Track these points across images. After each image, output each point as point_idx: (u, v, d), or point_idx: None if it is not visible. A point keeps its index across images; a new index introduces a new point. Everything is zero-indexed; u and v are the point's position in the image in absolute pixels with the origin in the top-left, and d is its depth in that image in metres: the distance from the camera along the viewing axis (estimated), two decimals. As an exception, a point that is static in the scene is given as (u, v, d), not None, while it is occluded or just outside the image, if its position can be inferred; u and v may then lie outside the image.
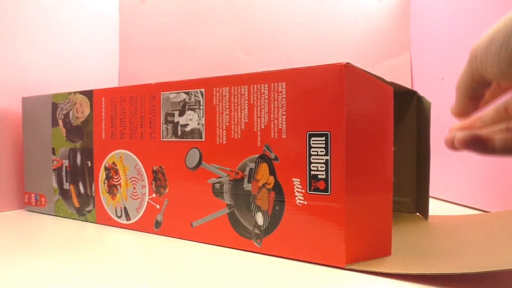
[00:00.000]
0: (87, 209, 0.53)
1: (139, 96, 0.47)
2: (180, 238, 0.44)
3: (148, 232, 0.46)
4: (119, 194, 0.49)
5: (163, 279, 0.31)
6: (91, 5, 0.79)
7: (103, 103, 0.50)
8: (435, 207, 0.64)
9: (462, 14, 0.67)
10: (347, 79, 0.33)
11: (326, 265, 0.34)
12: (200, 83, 0.42)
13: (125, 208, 0.49)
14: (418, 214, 0.55)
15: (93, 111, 0.52)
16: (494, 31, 0.27)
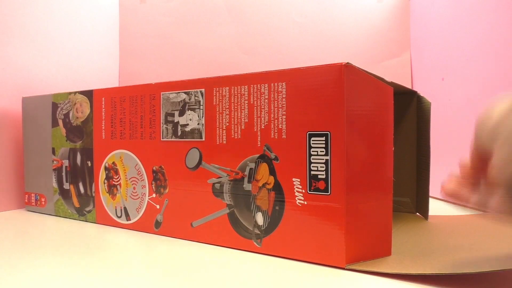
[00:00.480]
0: (87, 209, 0.53)
1: (139, 96, 0.47)
2: (180, 238, 0.44)
3: (148, 232, 0.46)
4: (119, 194, 0.49)
5: (163, 279, 0.31)
6: (91, 5, 0.79)
7: (103, 103, 0.50)
8: (435, 207, 0.64)
9: (462, 14, 0.67)
10: (347, 79, 0.33)
11: (326, 265, 0.34)
12: (200, 83, 0.42)
13: (125, 208, 0.49)
14: (418, 214, 0.55)
15: (93, 111, 0.52)
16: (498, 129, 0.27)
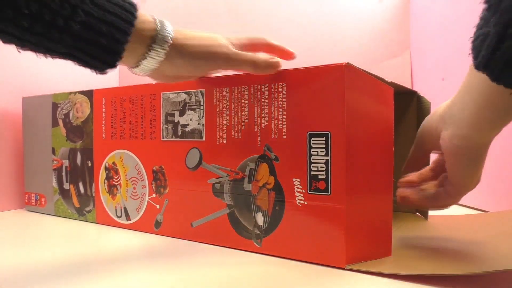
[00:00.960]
0: (87, 209, 0.53)
1: (139, 96, 0.47)
2: (180, 238, 0.44)
3: (148, 232, 0.46)
4: (119, 194, 0.49)
5: (163, 279, 0.31)
6: (91, 5, 0.79)
7: (103, 103, 0.50)
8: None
9: (462, 14, 0.67)
10: (348, 79, 0.33)
11: (326, 265, 0.34)
12: (200, 83, 0.42)
13: (125, 208, 0.49)
14: (418, 214, 0.55)
15: (93, 111, 0.52)
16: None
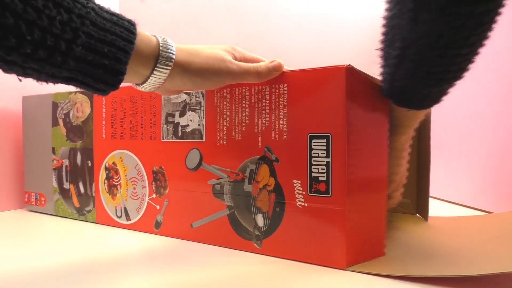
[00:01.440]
0: (87, 209, 0.53)
1: (139, 96, 0.47)
2: (180, 238, 0.44)
3: (148, 233, 0.46)
4: (119, 194, 0.49)
5: (163, 279, 0.31)
6: (91, 4, 0.79)
7: (103, 103, 0.50)
8: (435, 208, 0.64)
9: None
10: (348, 81, 0.33)
11: (326, 266, 0.34)
12: (201, 84, 0.42)
13: (125, 208, 0.49)
14: (418, 215, 0.55)
15: (93, 110, 0.52)
16: None
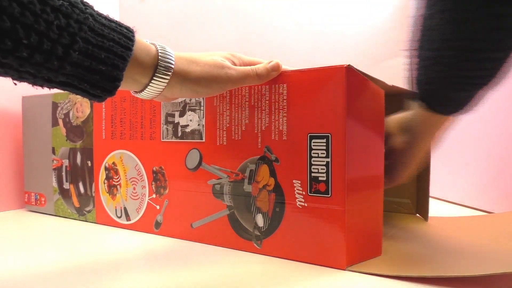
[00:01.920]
0: (87, 209, 0.53)
1: (139, 96, 0.47)
2: (180, 238, 0.44)
3: (148, 233, 0.46)
4: (119, 194, 0.49)
5: (163, 280, 0.31)
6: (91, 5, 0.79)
7: (103, 103, 0.50)
8: (435, 208, 0.64)
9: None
10: (348, 81, 0.33)
11: (326, 266, 0.34)
12: (200, 84, 0.42)
13: (125, 208, 0.49)
14: (418, 215, 0.55)
15: (93, 111, 0.52)
16: None
